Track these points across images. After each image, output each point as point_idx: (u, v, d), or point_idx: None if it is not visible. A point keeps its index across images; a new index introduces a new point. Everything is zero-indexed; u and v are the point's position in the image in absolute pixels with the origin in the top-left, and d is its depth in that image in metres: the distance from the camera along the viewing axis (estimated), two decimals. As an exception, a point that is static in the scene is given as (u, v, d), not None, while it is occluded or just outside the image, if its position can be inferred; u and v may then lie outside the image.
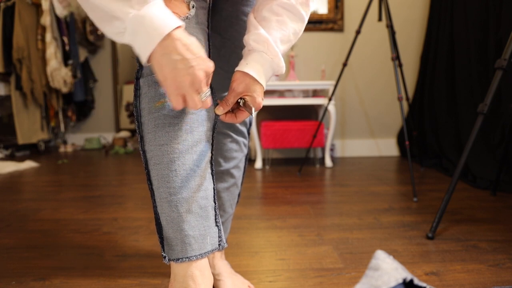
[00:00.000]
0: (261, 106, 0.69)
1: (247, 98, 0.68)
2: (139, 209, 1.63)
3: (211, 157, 0.71)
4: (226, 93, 0.85)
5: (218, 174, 0.90)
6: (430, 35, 2.79)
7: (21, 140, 3.21)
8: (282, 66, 0.71)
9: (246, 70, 0.68)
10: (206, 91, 0.58)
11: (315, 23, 2.92)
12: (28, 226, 1.43)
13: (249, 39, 0.70)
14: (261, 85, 0.68)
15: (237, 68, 0.69)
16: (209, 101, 0.60)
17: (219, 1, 0.83)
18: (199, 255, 0.66)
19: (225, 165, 0.90)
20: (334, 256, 1.12)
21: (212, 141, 0.71)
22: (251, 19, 0.71)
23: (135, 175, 2.36)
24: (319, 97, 2.63)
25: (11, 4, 3.11)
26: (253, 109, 0.69)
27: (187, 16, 0.66)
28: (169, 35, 0.53)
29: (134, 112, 0.69)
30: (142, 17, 0.52)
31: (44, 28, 3.23)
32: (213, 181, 0.71)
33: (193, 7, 0.68)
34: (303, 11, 0.71)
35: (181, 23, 0.55)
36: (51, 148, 3.69)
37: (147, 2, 0.53)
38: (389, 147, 3.04)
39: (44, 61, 3.27)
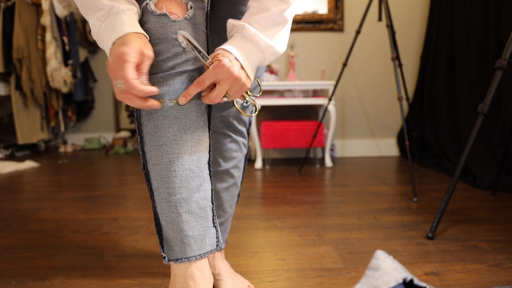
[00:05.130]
0: (238, 76, 0.64)
1: (215, 61, 0.63)
2: (139, 209, 1.63)
3: (209, 158, 0.71)
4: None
5: (218, 174, 0.90)
6: (430, 35, 2.79)
7: (21, 140, 3.21)
8: (255, 34, 0.66)
9: (219, 46, 0.66)
10: (118, 82, 0.59)
11: (315, 23, 2.92)
12: (28, 226, 1.43)
13: (227, 35, 0.71)
14: (230, 52, 0.64)
15: None
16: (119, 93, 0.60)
17: (217, 1, 0.83)
18: (199, 255, 0.66)
19: (225, 165, 0.90)
20: (334, 256, 1.12)
21: (209, 141, 0.71)
22: (228, 21, 0.72)
23: (135, 175, 2.36)
24: (319, 97, 2.63)
25: (11, 4, 3.12)
26: (253, 112, 0.69)
27: (186, 17, 0.66)
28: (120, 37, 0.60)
29: (134, 113, 0.69)
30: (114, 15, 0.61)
31: (44, 28, 3.23)
32: (211, 182, 0.71)
33: (191, 8, 0.68)
34: None
35: (133, 30, 0.60)
36: (51, 148, 3.69)
37: (120, 10, 0.61)
38: (389, 147, 3.04)
39: (44, 61, 3.27)
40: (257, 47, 0.67)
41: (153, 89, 0.60)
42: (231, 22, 0.70)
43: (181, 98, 0.64)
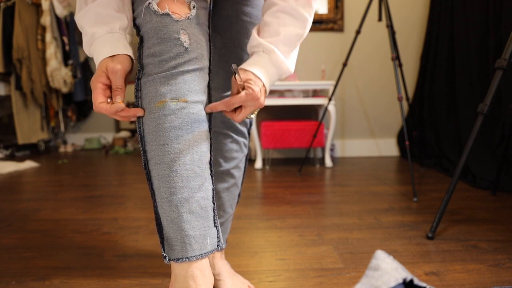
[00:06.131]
0: (262, 103, 0.69)
1: (245, 91, 0.67)
2: (139, 209, 1.63)
3: (210, 158, 0.71)
4: (226, 93, 0.85)
5: (218, 174, 0.90)
6: (430, 35, 2.79)
7: (21, 140, 3.21)
8: (282, 61, 0.70)
9: (245, 67, 0.69)
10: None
11: (315, 23, 2.92)
12: (28, 226, 1.43)
13: (248, 47, 0.73)
14: (260, 79, 0.69)
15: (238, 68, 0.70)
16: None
17: (220, 1, 0.83)
18: (199, 255, 0.66)
19: (225, 166, 0.90)
20: (334, 256, 1.12)
21: (210, 141, 0.71)
22: (253, 30, 0.73)
23: (135, 175, 2.36)
24: (319, 97, 2.64)
25: (11, 4, 3.12)
26: (253, 114, 0.71)
27: (188, 17, 0.66)
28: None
29: None
30: (101, 39, 0.65)
31: (44, 28, 3.23)
32: (212, 182, 0.71)
33: (194, 7, 0.68)
34: (306, 12, 0.71)
35: (105, 55, 0.64)
36: (51, 148, 3.69)
37: (111, 31, 0.65)
38: (389, 147, 3.04)
39: (44, 61, 3.27)
40: (280, 73, 0.72)
41: (117, 107, 0.63)
42: (257, 39, 0.70)
43: (207, 109, 0.69)
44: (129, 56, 0.66)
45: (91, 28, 0.65)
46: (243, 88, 0.67)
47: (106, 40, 0.65)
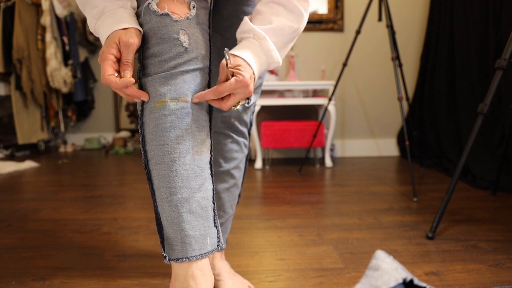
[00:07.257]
0: (251, 91, 0.66)
1: (234, 77, 0.65)
2: (139, 209, 1.63)
3: (211, 158, 0.71)
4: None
5: (219, 175, 0.90)
6: (430, 35, 2.79)
7: (21, 140, 3.21)
8: (272, 49, 0.69)
9: (235, 52, 0.67)
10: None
11: (315, 23, 2.92)
12: (28, 226, 1.43)
13: (237, 32, 0.71)
14: (250, 66, 0.66)
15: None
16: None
17: (220, 1, 0.83)
18: (199, 255, 0.66)
19: (226, 166, 0.90)
20: (334, 256, 1.12)
21: (210, 141, 0.71)
22: (245, 18, 0.71)
23: (135, 175, 2.36)
24: (319, 97, 2.64)
25: (11, 4, 3.11)
26: (239, 105, 0.68)
27: (188, 17, 0.66)
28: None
29: (137, 111, 0.69)
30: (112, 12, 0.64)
31: (44, 28, 3.23)
32: (213, 182, 0.71)
33: (193, 7, 0.68)
34: (301, 6, 0.69)
35: (120, 27, 0.63)
36: (51, 148, 3.69)
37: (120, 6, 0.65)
38: (389, 147, 3.04)
39: (44, 61, 3.27)
40: (269, 61, 0.70)
41: (127, 80, 0.61)
42: (249, 24, 0.68)
43: (195, 98, 0.66)
44: (141, 31, 0.65)
45: (102, 2, 0.64)
46: (232, 75, 0.64)
47: (118, 13, 0.64)
